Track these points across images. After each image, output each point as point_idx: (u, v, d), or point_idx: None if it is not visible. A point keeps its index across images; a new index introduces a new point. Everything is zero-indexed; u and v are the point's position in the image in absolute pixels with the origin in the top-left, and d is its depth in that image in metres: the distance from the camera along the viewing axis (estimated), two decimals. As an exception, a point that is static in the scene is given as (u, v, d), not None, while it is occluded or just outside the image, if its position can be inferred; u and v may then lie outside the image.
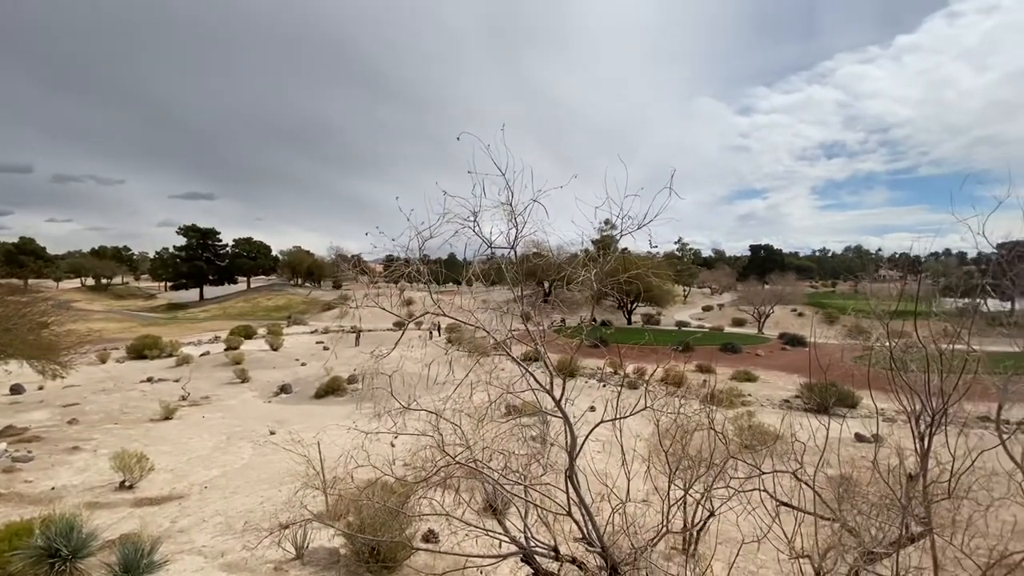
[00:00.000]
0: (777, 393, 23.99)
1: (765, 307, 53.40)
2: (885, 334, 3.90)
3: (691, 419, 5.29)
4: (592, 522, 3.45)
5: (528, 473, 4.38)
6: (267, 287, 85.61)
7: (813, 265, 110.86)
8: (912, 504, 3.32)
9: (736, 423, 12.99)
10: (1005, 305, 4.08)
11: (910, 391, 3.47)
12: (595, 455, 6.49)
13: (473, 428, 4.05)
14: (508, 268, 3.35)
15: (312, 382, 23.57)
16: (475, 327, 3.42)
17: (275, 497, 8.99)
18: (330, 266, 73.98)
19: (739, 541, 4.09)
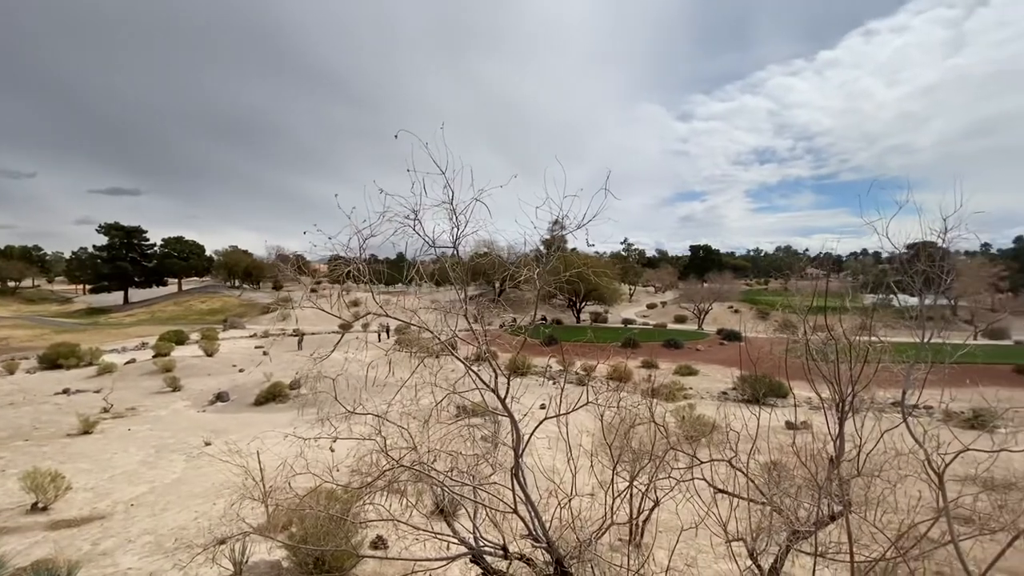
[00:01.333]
0: (716, 386, 25.22)
1: (704, 304, 56.02)
2: (809, 328, 4.20)
3: (634, 413, 5.47)
4: (538, 518, 3.49)
5: (477, 473, 4.37)
6: (201, 289, 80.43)
7: (748, 264, 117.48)
8: (832, 485, 3.59)
9: (678, 415, 13.58)
10: (912, 300, 4.48)
11: (826, 380, 3.74)
12: (544, 452, 6.59)
13: (420, 430, 3.99)
14: (452, 267, 3.32)
15: (251, 389, 22.43)
16: (419, 328, 3.37)
17: (210, 512, 8.48)
18: (270, 267, 70.46)
19: (680, 528, 4.27)
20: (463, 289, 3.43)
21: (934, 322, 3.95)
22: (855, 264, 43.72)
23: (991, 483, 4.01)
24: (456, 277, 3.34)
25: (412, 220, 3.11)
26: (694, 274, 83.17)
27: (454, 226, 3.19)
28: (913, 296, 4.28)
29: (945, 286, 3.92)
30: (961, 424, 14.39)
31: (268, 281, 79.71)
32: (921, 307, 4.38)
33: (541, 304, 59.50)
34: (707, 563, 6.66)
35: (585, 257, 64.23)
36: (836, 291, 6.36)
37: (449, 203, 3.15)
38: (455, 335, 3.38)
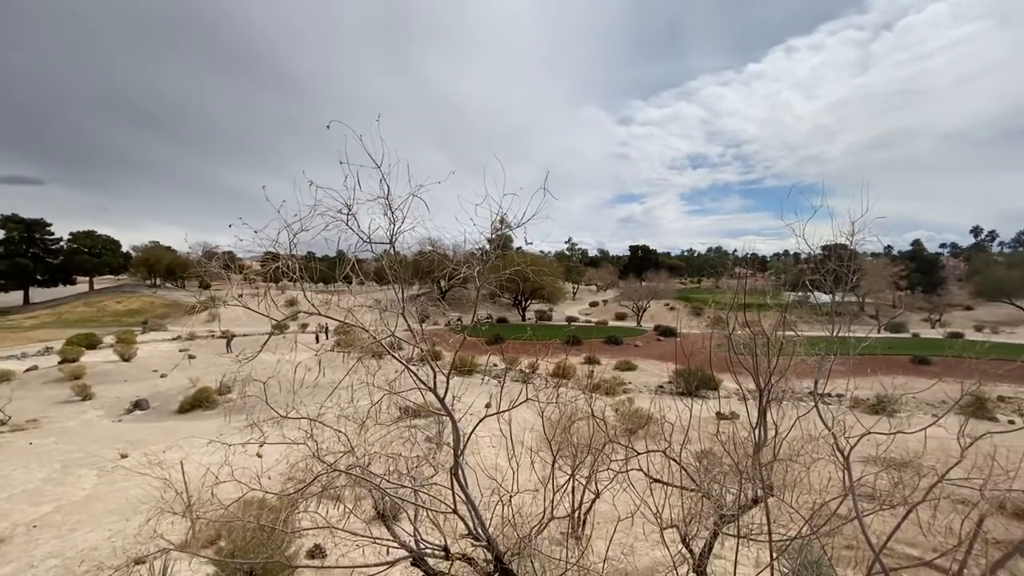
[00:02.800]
0: (653, 380, 26.28)
1: (643, 302, 58.20)
2: (737, 324, 4.46)
3: (575, 408, 5.60)
4: (478, 517, 3.49)
5: (418, 475, 4.31)
6: (116, 289, 73.71)
7: (682, 264, 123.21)
8: (754, 470, 3.84)
9: (618, 409, 14.05)
10: (824, 297, 4.87)
11: (748, 372, 4.00)
12: (489, 450, 6.59)
13: (357, 433, 3.87)
14: (391, 265, 3.23)
15: (175, 395, 20.88)
16: (354, 327, 3.26)
17: (127, 530, 7.81)
18: (196, 264, 65.47)
19: (617, 519, 4.40)
20: (401, 287, 3.34)
21: (843, 317, 4.30)
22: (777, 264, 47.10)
23: (890, 462, 4.44)
24: (394, 275, 3.26)
25: (346, 215, 2.99)
26: (633, 273, 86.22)
27: (391, 222, 3.11)
28: (826, 293, 4.66)
29: (853, 284, 4.29)
30: (866, 410, 15.82)
31: (194, 279, 74.21)
32: (832, 303, 4.77)
33: (487, 303, 59.54)
34: (644, 551, 6.93)
35: (530, 256, 65.10)
36: (760, 289, 6.81)
37: (385, 198, 3.07)
38: (393, 335, 3.30)
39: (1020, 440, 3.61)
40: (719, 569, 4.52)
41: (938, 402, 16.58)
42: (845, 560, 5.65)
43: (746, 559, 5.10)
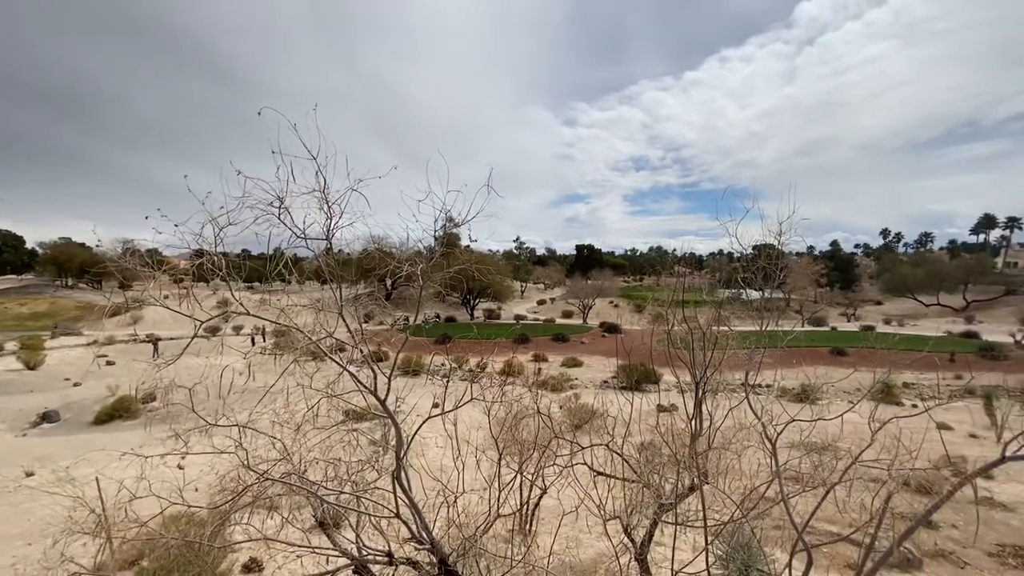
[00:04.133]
0: (598, 375, 26.92)
1: (589, 300, 59.57)
2: (676, 320, 4.63)
3: (522, 406, 5.62)
4: (421, 520, 3.42)
5: (360, 480, 4.17)
6: (20, 289, 66.55)
7: (625, 263, 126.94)
8: (691, 459, 4.00)
9: (563, 406, 14.29)
10: (755, 294, 5.16)
11: (686, 365, 4.17)
12: (437, 451, 6.49)
13: (293, 439, 3.68)
14: (328, 263, 3.08)
15: (90, 405, 19.14)
16: (288, 328, 3.09)
17: (32, 555, 7.07)
18: (115, 262, 60.06)
19: (561, 513, 4.46)
20: (339, 286, 3.20)
21: (771, 312, 4.57)
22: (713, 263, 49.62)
23: (812, 447, 4.77)
24: (332, 273, 3.11)
25: (278, 208, 2.82)
26: (579, 272, 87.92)
27: (328, 217, 2.96)
28: (756, 290, 4.93)
29: (780, 281, 4.57)
30: (791, 399, 16.98)
31: (112, 279, 68.19)
32: (761, 300, 5.05)
33: (435, 302, 58.77)
34: (590, 543, 7.08)
35: (478, 255, 64.86)
36: (697, 287, 7.11)
37: (321, 192, 2.92)
38: (332, 336, 3.16)
39: (921, 422, 3.98)
40: (659, 556, 4.69)
41: (853, 389, 18.05)
42: (773, 540, 6.02)
43: (684, 544, 5.33)
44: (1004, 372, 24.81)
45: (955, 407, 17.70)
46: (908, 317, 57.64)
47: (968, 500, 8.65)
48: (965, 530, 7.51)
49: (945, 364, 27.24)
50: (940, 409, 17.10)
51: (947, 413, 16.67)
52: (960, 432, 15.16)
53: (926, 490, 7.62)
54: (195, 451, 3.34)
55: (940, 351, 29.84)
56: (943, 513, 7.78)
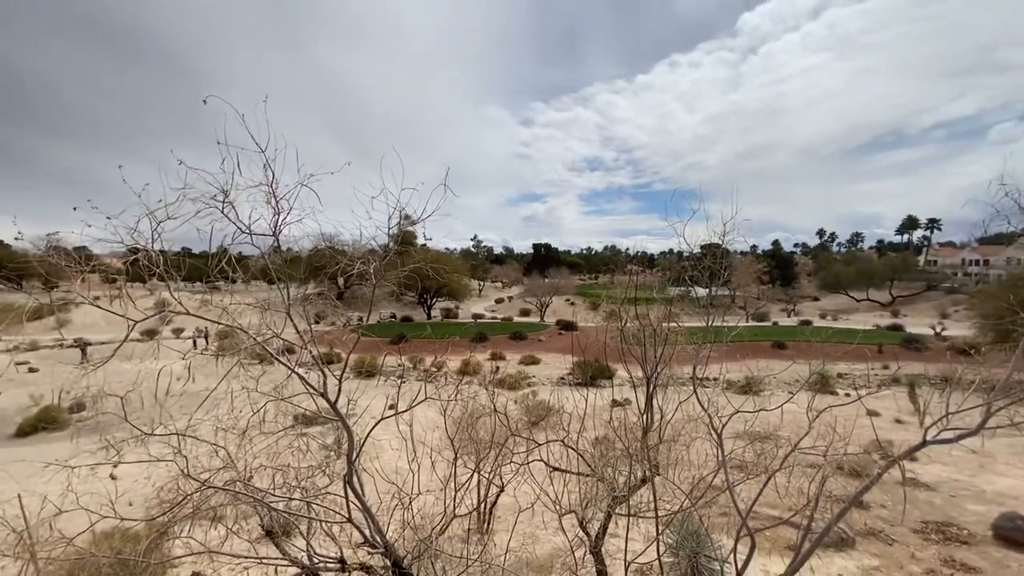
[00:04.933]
0: (555, 372, 27.25)
1: (546, 298, 60.17)
2: (629, 317, 4.75)
3: (479, 405, 5.61)
4: (374, 524, 3.35)
5: (311, 485, 4.03)
6: (-77, 290, 60.10)
7: (581, 262, 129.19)
8: (643, 452, 4.12)
9: (519, 402, 14.37)
10: (702, 291, 5.36)
11: (637, 361, 4.29)
12: (392, 453, 6.37)
13: (238, 445, 3.52)
14: (276, 261, 2.95)
15: (10, 417, 17.57)
16: (231, 328, 2.93)
17: (-61, 584, 6.41)
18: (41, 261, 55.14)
19: (518, 510, 4.48)
20: (286, 285, 3.07)
21: (717, 309, 4.76)
22: (664, 261, 51.36)
23: (755, 436, 5.01)
24: (279, 271, 2.98)
25: (222, 202, 2.67)
26: (537, 270, 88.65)
27: (275, 212, 2.83)
28: (703, 288, 5.12)
29: (725, 279, 4.76)
30: (737, 391, 17.81)
31: (35, 279, 62.78)
32: (708, 297, 5.25)
33: (390, 301, 57.65)
34: (547, 538, 7.16)
35: (435, 253, 64.12)
36: (649, 285, 7.30)
37: (269, 186, 2.79)
38: (279, 337, 3.03)
39: (853, 410, 4.26)
40: (613, 548, 4.80)
41: (793, 381, 19.13)
42: (720, 526, 6.29)
43: (637, 535, 5.48)
44: (925, 362, 27.01)
45: (883, 395, 19.10)
46: (842, 312, 61.69)
47: (895, 481, 9.34)
48: (893, 509, 8.11)
49: (874, 355, 29.33)
50: (870, 397, 18.42)
51: (876, 401, 17.95)
52: (888, 418, 16.36)
53: (857, 473, 8.16)
54: (128, 460, 3.12)
55: (869, 343, 32.12)
56: (873, 494, 8.37)
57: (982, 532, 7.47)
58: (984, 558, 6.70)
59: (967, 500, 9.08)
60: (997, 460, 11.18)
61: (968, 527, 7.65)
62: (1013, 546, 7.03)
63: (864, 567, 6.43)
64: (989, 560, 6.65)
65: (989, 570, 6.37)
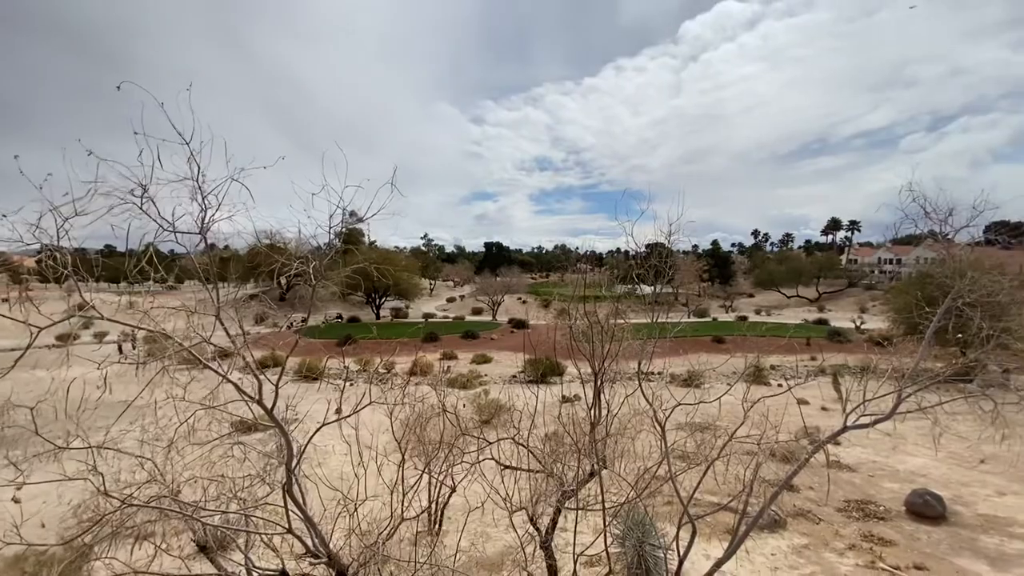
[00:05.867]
0: (507, 371, 27.33)
1: (498, 297, 60.30)
2: (578, 314, 4.82)
3: (427, 405, 5.52)
4: (317, 533, 3.22)
5: (250, 496, 3.82)
6: None
7: (533, 260, 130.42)
8: (591, 446, 4.20)
9: (475, 402, 14.33)
10: (648, 289, 5.52)
11: (585, 357, 4.37)
12: (340, 458, 6.14)
13: (166, 457, 3.28)
14: (201, 259, 2.75)
15: None
16: (153, 332, 2.72)
17: None
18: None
19: (468, 509, 4.45)
20: (216, 285, 2.87)
21: (662, 306, 4.92)
22: (611, 260, 52.82)
23: (696, 427, 5.23)
24: (206, 270, 2.78)
25: (140, 196, 2.46)
26: (489, 269, 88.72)
27: (202, 208, 2.64)
28: (649, 285, 5.27)
29: (669, 277, 4.93)
30: (679, 384, 18.56)
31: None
32: (653, 294, 5.41)
33: (337, 302, 55.79)
34: (498, 536, 7.16)
35: (383, 252, 62.70)
36: (597, 283, 7.44)
37: (194, 180, 2.60)
38: (208, 341, 2.84)
39: (783, 400, 4.53)
40: (562, 541, 4.87)
41: (731, 373, 20.15)
42: (664, 515, 6.53)
43: (585, 527, 5.59)
44: (847, 353, 29.19)
45: (811, 385, 20.47)
46: (774, 307, 65.66)
47: (821, 465, 10.06)
48: (819, 491, 8.71)
49: (803, 348, 31.37)
50: (799, 388, 19.70)
51: (804, 390, 19.21)
52: (815, 406, 17.55)
53: (788, 459, 8.71)
54: (35, 481, 2.84)
55: (799, 337, 34.36)
56: (802, 477, 8.96)
57: (896, 508, 8.18)
58: (898, 531, 7.33)
59: (883, 479, 9.91)
60: (908, 441, 12.27)
61: (884, 504, 8.35)
62: (922, 519, 7.73)
63: (794, 545, 6.87)
64: (902, 533, 7.28)
65: (902, 542, 6.97)
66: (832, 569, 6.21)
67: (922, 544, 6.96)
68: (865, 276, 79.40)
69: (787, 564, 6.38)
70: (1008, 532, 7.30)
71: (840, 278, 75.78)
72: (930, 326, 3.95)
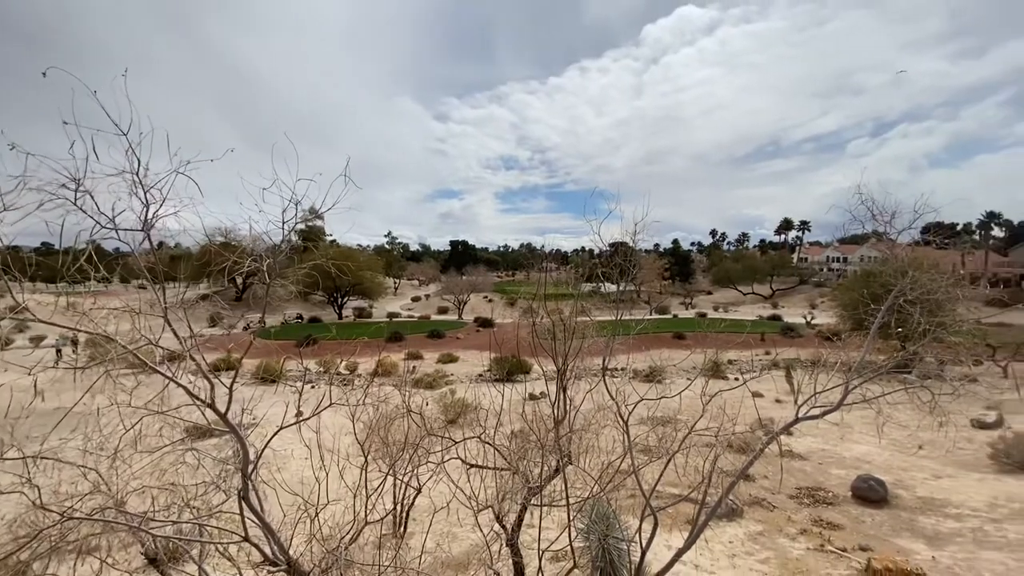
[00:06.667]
0: (474, 370, 27.26)
1: (463, 295, 60.01)
2: (543, 312, 4.85)
3: (391, 406, 5.44)
4: (275, 540, 3.12)
5: (204, 504, 3.66)
6: None
7: (499, 259, 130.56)
8: (556, 443, 4.24)
9: (441, 401, 14.23)
10: (612, 287, 5.62)
11: (550, 355, 4.41)
12: (301, 462, 5.97)
13: (111, 466, 3.09)
14: (147, 258, 2.60)
15: None
16: (94, 335, 2.55)
17: None
18: None
19: (433, 510, 4.41)
20: (162, 285, 2.73)
21: (625, 303, 5.01)
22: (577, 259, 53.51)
23: (658, 421, 5.36)
24: (151, 269, 2.63)
25: (74, 191, 2.30)
26: (454, 267, 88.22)
27: (144, 204, 2.50)
28: (613, 283, 5.36)
29: (633, 275, 5.03)
30: (642, 380, 18.99)
31: None
32: (617, 292, 5.50)
33: (297, 302, 54.17)
34: (464, 535, 7.14)
35: (345, 249, 61.30)
36: (563, 281, 7.51)
37: (134, 174, 2.45)
38: (153, 343, 2.69)
39: (740, 393, 4.71)
40: (528, 538, 4.91)
41: (691, 368, 20.78)
42: (627, 508, 6.66)
43: (551, 523, 5.63)
44: (799, 348, 30.63)
45: (765, 378, 21.35)
46: (731, 304, 68.12)
47: (775, 455, 10.51)
48: (773, 479, 9.10)
49: (758, 343, 32.68)
50: (754, 381, 20.54)
51: (759, 384, 20.03)
52: (769, 398, 18.33)
53: (744, 450, 9.05)
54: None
55: (754, 332, 35.76)
56: (757, 467, 9.34)
57: (843, 493, 8.64)
58: (844, 515, 7.74)
59: (832, 466, 10.45)
60: (854, 430, 12.98)
61: (833, 490, 8.81)
62: (867, 503, 8.20)
63: (750, 532, 7.15)
64: (848, 517, 7.70)
65: (849, 525, 7.36)
66: (785, 553, 6.50)
67: (866, 526, 7.37)
68: (815, 274, 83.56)
69: (744, 551, 6.63)
70: (943, 512, 7.83)
71: (792, 276, 79.40)
72: (875, 321, 4.18)
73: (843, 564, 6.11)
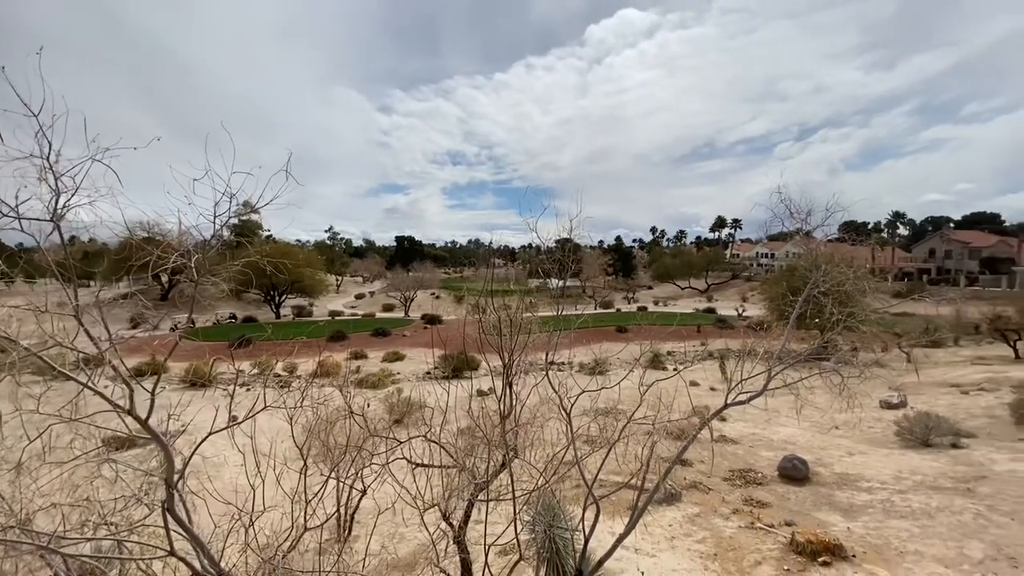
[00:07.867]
0: (421, 368, 26.93)
1: (410, 292, 58.99)
2: (491, 308, 4.87)
3: (333, 407, 5.28)
4: (204, 552, 2.96)
5: (125, 519, 3.41)
6: None
7: (446, 255, 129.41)
8: (502, 438, 4.28)
9: (386, 401, 13.94)
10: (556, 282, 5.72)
11: (495, 350, 4.44)
12: (236, 469, 5.66)
13: (14, 481, 2.81)
14: (59, 252, 2.38)
15: None
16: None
17: None
18: None
19: (378, 511, 4.34)
20: (74, 283, 2.50)
21: (569, 298, 5.13)
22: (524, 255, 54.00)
23: (599, 412, 5.52)
24: (61, 264, 2.40)
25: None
26: (400, 264, 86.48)
27: (54, 193, 2.27)
28: (556, 279, 5.47)
29: (576, 271, 5.16)
30: (586, 372, 19.50)
31: None
32: (560, 287, 5.62)
33: (230, 300, 51.15)
34: (411, 535, 7.07)
35: (283, 245, 58.55)
36: (508, 277, 7.57)
37: (45, 159, 2.22)
38: (63, 345, 2.46)
39: (676, 382, 4.95)
40: (475, 534, 4.92)
41: (632, 360, 21.52)
42: (572, 498, 6.84)
43: (497, 517, 5.69)
44: (731, 338, 32.50)
45: (700, 367, 22.51)
46: (671, 298, 71.28)
47: (709, 440, 11.13)
48: (708, 463, 9.63)
49: (693, 334, 34.41)
50: (690, 371, 21.60)
51: (695, 373, 21.08)
52: (704, 387, 19.36)
53: (680, 436, 9.52)
54: None
55: (690, 324, 37.60)
56: (693, 452, 9.86)
57: (771, 473, 9.28)
58: (772, 494, 8.32)
59: (761, 448, 11.19)
60: (780, 415, 13.96)
61: (762, 471, 9.44)
62: (791, 482, 8.85)
63: (688, 515, 7.53)
64: (775, 495, 8.28)
65: (775, 503, 7.92)
66: (719, 532, 6.91)
67: (791, 503, 7.97)
68: (746, 269, 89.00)
69: (682, 532, 6.98)
70: (856, 487, 8.59)
71: (726, 271, 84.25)
72: (793, 312, 4.52)
73: (771, 539, 6.57)
